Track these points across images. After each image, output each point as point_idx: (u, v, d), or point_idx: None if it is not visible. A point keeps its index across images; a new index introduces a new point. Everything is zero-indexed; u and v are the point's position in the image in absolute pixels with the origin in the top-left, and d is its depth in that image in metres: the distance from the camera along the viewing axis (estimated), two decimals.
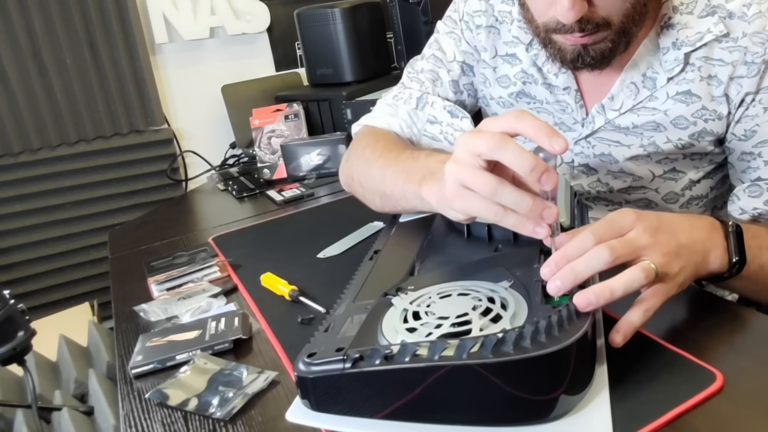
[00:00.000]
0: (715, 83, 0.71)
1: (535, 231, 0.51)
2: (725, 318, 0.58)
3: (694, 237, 0.55)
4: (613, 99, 0.77)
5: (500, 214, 0.51)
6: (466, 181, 0.52)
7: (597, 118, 0.79)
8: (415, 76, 0.91)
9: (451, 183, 0.54)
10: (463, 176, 0.52)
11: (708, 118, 0.73)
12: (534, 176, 0.48)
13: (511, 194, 0.50)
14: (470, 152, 0.51)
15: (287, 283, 0.77)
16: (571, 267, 0.49)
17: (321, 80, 1.75)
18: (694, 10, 0.70)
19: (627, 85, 0.75)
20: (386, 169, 0.75)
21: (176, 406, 0.57)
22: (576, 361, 0.45)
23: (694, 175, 0.80)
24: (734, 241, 0.57)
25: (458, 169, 0.53)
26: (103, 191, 1.89)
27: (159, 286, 0.85)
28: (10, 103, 1.72)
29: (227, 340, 0.65)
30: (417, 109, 0.87)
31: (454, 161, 0.53)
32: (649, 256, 0.51)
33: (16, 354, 0.69)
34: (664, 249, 0.52)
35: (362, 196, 0.85)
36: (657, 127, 0.75)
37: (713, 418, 0.45)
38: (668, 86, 0.73)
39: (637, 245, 0.51)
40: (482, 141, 0.50)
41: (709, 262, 0.56)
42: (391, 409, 0.47)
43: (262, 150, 1.39)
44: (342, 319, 0.54)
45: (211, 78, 1.94)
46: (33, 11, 1.69)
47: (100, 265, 1.89)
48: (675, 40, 0.71)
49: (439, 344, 0.44)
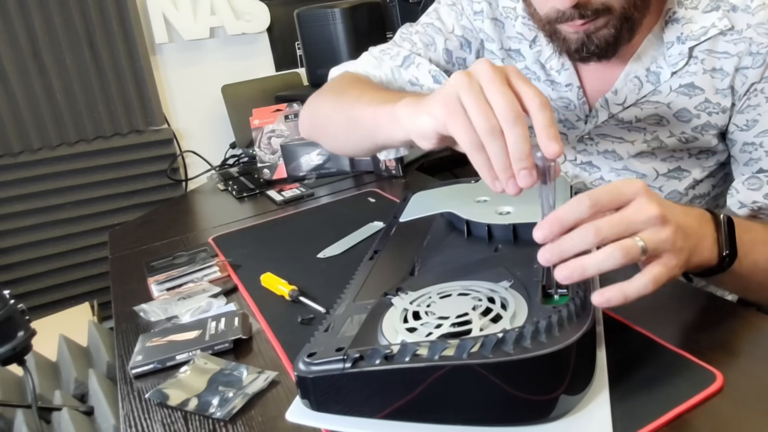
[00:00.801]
0: (719, 76, 0.71)
1: (494, 184, 0.50)
2: (725, 318, 0.58)
3: (688, 222, 0.52)
4: (617, 93, 0.77)
5: (474, 148, 0.50)
6: (468, 98, 0.50)
7: (600, 113, 0.79)
8: (408, 36, 0.89)
9: (451, 91, 0.51)
10: (468, 91, 0.49)
11: (711, 111, 0.73)
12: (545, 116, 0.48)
13: (497, 142, 0.48)
14: (492, 72, 0.50)
15: (287, 283, 0.77)
16: (558, 243, 0.48)
17: (321, 80, 1.73)
18: (699, 5, 0.70)
19: (631, 80, 0.75)
20: (362, 95, 0.71)
21: (176, 406, 0.57)
22: (576, 361, 0.45)
23: (699, 174, 0.79)
24: (725, 232, 0.55)
25: (469, 82, 0.50)
26: (103, 191, 1.89)
27: (159, 286, 0.85)
28: (10, 103, 1.72)
29: (227, 340, 0.65)
30: (401, 66, 0.85)
31: (470, 73, 0.50)
32: (647, 231, 0.47)
33: (16, 354, 0.69)
34: (669, 227, 0.48)
35: (323, 128, 0.80)
36: (660, 120, 0.76)
37: (713, 418, 0.45)
38: (671, 80, 0.73)
39: (631, 221, 0.47)
40: (513, 70, 0.50)
41: (701, 251, 0.53)
42: (391, 409, 0.47)
43: (262, 150, 1.39)
44: (342, 319, 0.54)
45: (211, 78, 1.94)
46: (33, 11, 1.69)
47: (100, 265, 1.89)
48: (680, 34, 0.71)
49: (439, 344, 0.44)
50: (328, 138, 0.80)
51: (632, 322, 0.58)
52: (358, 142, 0.73)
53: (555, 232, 0.48)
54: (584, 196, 0.48)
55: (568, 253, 0.47)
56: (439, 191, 0.82)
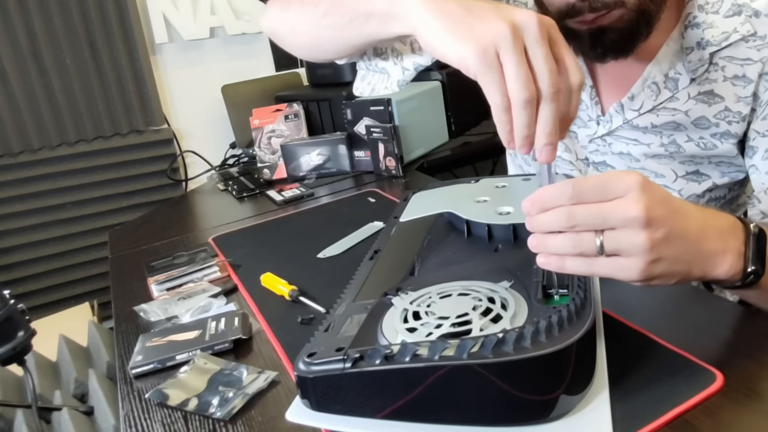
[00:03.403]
0: (741, 83, 0.69)
1: (508, 143, 0.48)
2: (725, 318, 0.58)
3: (701, 233, 0.48)
4: (633, 99, 0.74)
5: (501, 110, 0.47)
6: (509, 58, 0.46)
7: (615, 118, 0.77)
8: None
9: (490, 40, 0.46)
10: (512, 51, 0.46)
11: (732, 120, 0.70)
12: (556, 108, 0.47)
13: (528, 113, 0.47)
14: (539, 32, 0.47)
15: (287, 283, 0.77)
16: (536, 217, 0.47)
17: (321, 80, 1.75)
18: (720, 9, 0.68)
19: (648, 85, 0.73)
20: None
21: (176, 406, 0.57)
22: (576, 361, 0.45)
23: (719, 179, 0.76)
24: (753, 247, 0.50)
25: (513, 39, 0.46)
26: (103, 191, 1.89)
27: (159, 286, 0.85)
28: (10, 103, 1.72)
29: (227, 340, 0.65)
30: None
31: (516, 26, 0.47)
32: (620, 231, 0.45)
33: (16, 354, 0.69)
34: (649, 233, 0.44)
35: (295, 26, 0.71)
36: (677, 126, 0.73)
37: (713, 418, 0.45)
38: (690, 87, 0.71)
39: (607, 216, 0.45)
40: (555, 28, 0.48)
41: (714, 266, 0.49)
42: (391, 409, 0.47)
43: (262, 150, 1.39)
44: (342, 319, 0.54)
45: (211, 78, 1.94)
46: (33, 11, 1.69)
47: (100, 265, 1.89)
48: (700, 39, 0.68)
49: (440, 344, 0.44)
50: (297, 41, 0.71)
51: (632, 322, 0.58)
52: (337, 42, 0.65)
53: (537, 209, 0.47)
54: (569, 184, 0.46)
55: (539, 230, 0.47)
56: (439, 191, 0.82)
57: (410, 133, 1.40)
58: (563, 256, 0.47)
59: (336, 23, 0.64)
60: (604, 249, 0.45)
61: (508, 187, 0.75)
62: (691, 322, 0.59)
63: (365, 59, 0.75)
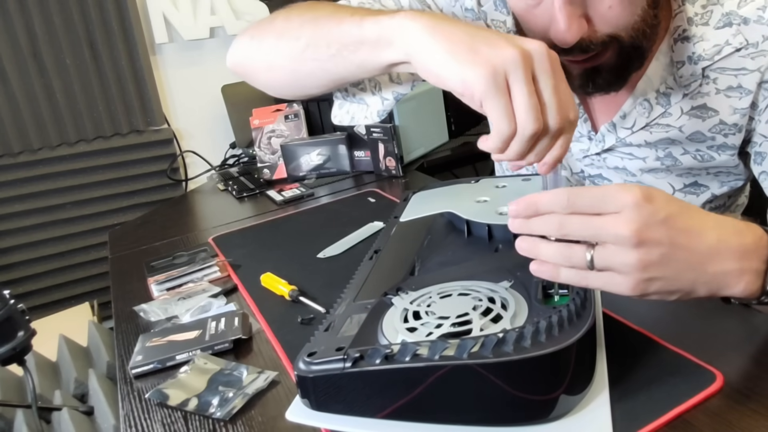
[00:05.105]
0: (736, 94, 0.66)
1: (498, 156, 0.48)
2: (725, 318, 0.58)
3: (712, 254, 0.45)
4: (625, 117, 0.72)
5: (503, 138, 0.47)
6: (519, 86, 0.45)
7: (607, 137, 0.75)
8: None
9: (500, 64, 0.45)
10: (522, 79, 0.45)
11: (728, 133, 0.68)
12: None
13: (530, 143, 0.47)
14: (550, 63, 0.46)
15: (287, 283, 0.77)
16: (528, 221, 0.46)
17: None
18: (710, 20, 0.65)
19: (640, 103, 0.71)
20: (336, 13, 0.59)
21: (176, 406, 0.57)
22: (576, 361, 0.45)
23: (717, 189, 0.75)
24: None
25: (524, 65, 0.45)
26: (103, 191, 1.89)
27: (159, 286, 0.85)
28: (10, 103, 1.72)
29: (227, 340, 0.65)
30: None
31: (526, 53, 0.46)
32: (610, 247, 0.43)
33: (16, 354, 0.69)
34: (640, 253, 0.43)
35: (271, 61, 0.66)
36: (672, 142, 0.72)
37: (713, 418, 0.45)
38: (683, 102, 0.68)
39: (599, 231, 0.43)
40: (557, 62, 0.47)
41: (725, 286, 0.46)
42: (391, 409, 0.47)
43: (262, 150, 1.39)
44: (342, 319, 0.54)
45: (211, 78, 1.93)
46: (33, 11, 1.69)
47: (100, 265, 1.89)
48: (691, 54, 0.66)
49: (440, 344, 0.44)
50: (269, 71, 0.67)
51: (632, 322, 0.58)
52: (319, 67, 0.60)
53: (527, 212, 0.46)
54: (564, 194, 0.44)
55: (529, 233, 0.47)
56: (439, 191, 0.82)
57: (410, 133, 1.40)
58: (557, 266, 0.46)
59: (320, 55, 0.60)
60: (594, 264, 0.44)
61: (508, 187, 0.75)
62: (691, 322, 0.59)
63: (341, 90, 0.72)
